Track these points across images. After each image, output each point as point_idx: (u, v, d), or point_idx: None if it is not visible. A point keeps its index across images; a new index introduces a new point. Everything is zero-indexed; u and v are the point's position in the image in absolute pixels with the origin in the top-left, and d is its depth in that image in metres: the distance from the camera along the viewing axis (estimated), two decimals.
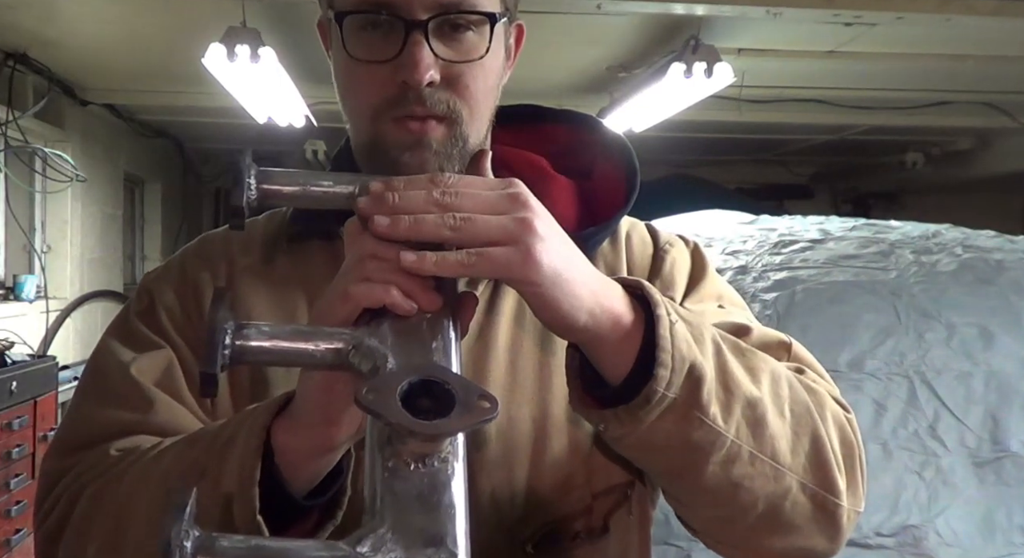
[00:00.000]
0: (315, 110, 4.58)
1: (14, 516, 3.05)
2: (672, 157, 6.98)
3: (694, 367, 0.66)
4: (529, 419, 0.81)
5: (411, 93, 0.76)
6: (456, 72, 0.77)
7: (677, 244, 0.93)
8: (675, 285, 0.88)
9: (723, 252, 2.52)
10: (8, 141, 3.90)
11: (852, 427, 0.78)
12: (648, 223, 0.96)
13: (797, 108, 4.93)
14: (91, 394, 0.85)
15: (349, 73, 0.80)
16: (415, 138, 0.78)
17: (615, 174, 0.90)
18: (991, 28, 3.41)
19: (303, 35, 3.55)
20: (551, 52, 3.87)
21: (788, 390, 0.73)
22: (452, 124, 0.78)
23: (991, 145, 6.06)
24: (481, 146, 0.83)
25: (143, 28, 3.65)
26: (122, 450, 0.78)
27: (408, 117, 0.77)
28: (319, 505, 0.69)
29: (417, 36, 0.75)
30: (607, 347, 0.67)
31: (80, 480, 0.78)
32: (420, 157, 0.78)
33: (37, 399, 3.26)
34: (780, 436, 0.71)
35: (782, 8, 3.11)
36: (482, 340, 0.83)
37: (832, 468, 0.73)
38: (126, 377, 0.81)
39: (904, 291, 2.24)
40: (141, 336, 0.85)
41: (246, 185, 0.68)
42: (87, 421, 0.82)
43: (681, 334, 0.66)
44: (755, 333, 0.83)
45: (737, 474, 0.69)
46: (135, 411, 0.80)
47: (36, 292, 4.34)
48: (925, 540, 1.90)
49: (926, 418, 2.04)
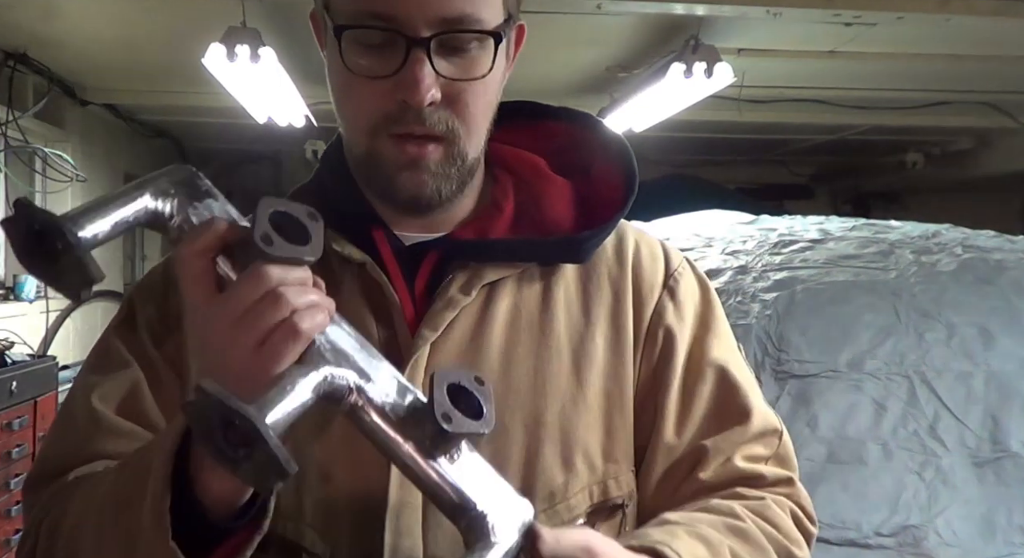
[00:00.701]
0: (315, 110, 4.58)
1: (14, 516, 3.05)
2: (672, 157, 6.98)
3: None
4: (522, 424, 0.80)
5: (410, 112, 0.75)
6: (457, 90, 0.76)
7: (687, 272, 0.92)
8: (686, 317, 0.88)
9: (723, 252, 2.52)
10: (8, 141, 3.90)
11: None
12: (660, 239, 0.94)
13: (797, 108, 4.93)
14: (58, 426, 0.86)
15: (346, 85, 0.79)
16: (411, 159, 0.77)
17: (613, 174, 0.89)
18: (991, 28, 3.41)
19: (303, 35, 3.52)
20: (551, 52, 3.87)
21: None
22: (450, 144, 0.78)
23: (991, 145, 6.06)
24: (480, 159, 0.83)
25: (143, 28, 3.64)
26: (78, 477, 0.79)
27: (406, 135, 0.77)
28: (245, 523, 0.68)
29: (419, 54, 0.73)
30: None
31: (42, 514, 0.79)
32: (418, 178, 0.78)
33: (37, 399, 3.26)
34: None
35: (782, 8, 3.11)
36: (475, 345, 0.82)
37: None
38: (88, 408, 0.82)
39: (904, 291, 2.24)
40: (114, 354, 0.85)
41: (74, 253, 0.59)
42: (51, 455, 0.84)
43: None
44: (755, 417, 0.86)
45: None
46: (92, 441, 0.81)
47: (36, 292, 4.34)
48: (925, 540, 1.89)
49: (926, 418, 2.04)
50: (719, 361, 0.87)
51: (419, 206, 0.82)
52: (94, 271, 0.59)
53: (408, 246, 0.85)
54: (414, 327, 0.81)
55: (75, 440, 0.82)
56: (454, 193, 0.82)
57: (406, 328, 0.81)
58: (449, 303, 0.81)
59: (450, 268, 0.84)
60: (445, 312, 0.81)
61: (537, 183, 0.89)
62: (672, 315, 0.87)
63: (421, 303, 0.83)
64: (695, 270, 0.93)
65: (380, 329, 0.82)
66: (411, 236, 0.86)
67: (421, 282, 0.84)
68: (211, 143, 6.74)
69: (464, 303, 0.82)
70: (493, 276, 0.83)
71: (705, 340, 0.88)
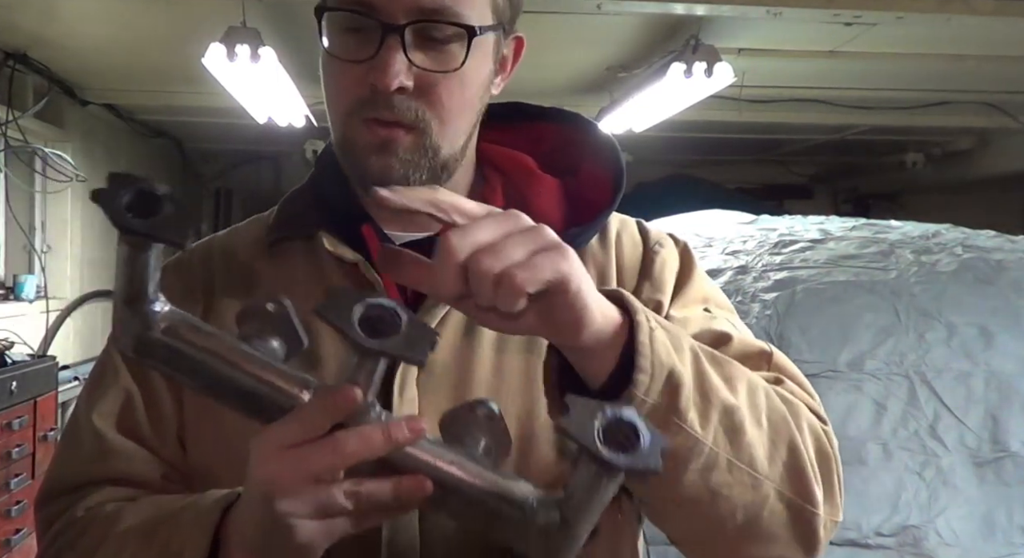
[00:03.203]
0: (315, 110, 4.57)
1: (14, 516, 3.05)
2: (672, 157, 6.98)
3: (672, 373, 0.67)
4: (515, 420, 0.80)
5: (380, 97, 0.76)
6: (430, 81, 0.77)
7: (667, 244, 0.92)
8: (664, 286, 0.88)
9: (723, 252, 2.52)
10: (8, 141, 3.90)
11: (828, 438, 0.78)
12: (639, 221, 0.95)
13: (797, 108, 4.93)
14: (65, 443, 0.89)
15: (327, 68, 0.80)
16: (381, 143, 0.78)
17: (601, 173, 0.89)
18: (991, 28, 3.40)
19: (303, 35, 3.55)
20: (551, 52, 3.87)
21: (765, 399, 0.74)
22: (420, 134, 0.78)
23: (991, 145, 6.06)
24: (458, 157, 0.83)
25: (143, 28, 3.64)
26: (89, 510, 0.82)
27: (375, 120, 0.77)
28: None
29: (392, 40, 0.74)
30: (591, 353, 0.67)
31: (56, 544, 0.82)
32: (386, 162, 0.78)
33: (37, 399, 3.26)
34: (757, 444, 0.71)
35: (782, 8, 3.11)
36: (468, 338, 0.83)
37: (809, 477, 0.74)
38: (91, 428, 0.85)
39: (904, 291, 2.24)
40: (108, 365, 0.88)
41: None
42: (59, 474, 0.87)
43: (660, 340, 0.67)
44: (735, 342, 0.83)
45: (715, 482, 0.70)
46: (96, 462, 0.84)
47: (36, 292, 4.34)
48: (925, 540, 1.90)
49: (926, 418, 2.04)
50: (680, 317, 0.85)
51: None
52: (192, 217, 0.62)
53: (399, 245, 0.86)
54: None
55: (81, 459, 0.85)
56: (423, 181, 0.81)
57: None
58: (440, 302, 0.82)
59: None
60: (436, 309, 0.82)
61: (526, 182, 0.90)
62: (649, 291, 0.88)
63: (413, 302, 0.84)
64: (676, 241, 0.93)
65: None
66: (401, 235, 0.86)
67: None
68: (211, 143, 6.74)
69: None
70: None
71: (677, 303, 0.87)
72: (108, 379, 0.87)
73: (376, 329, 0.61)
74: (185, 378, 0.64)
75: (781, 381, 0.81)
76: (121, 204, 0.58)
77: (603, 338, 0.66)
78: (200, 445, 0.84)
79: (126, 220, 0.58)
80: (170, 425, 0.85)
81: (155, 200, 0.59)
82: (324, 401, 0.61)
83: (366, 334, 0.60)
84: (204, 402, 0.81)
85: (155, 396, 0.86)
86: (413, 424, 0.61)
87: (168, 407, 0.85)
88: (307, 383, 0.63)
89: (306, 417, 0.61)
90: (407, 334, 0.60)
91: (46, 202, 4.66)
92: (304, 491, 0.60)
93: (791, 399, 0.77)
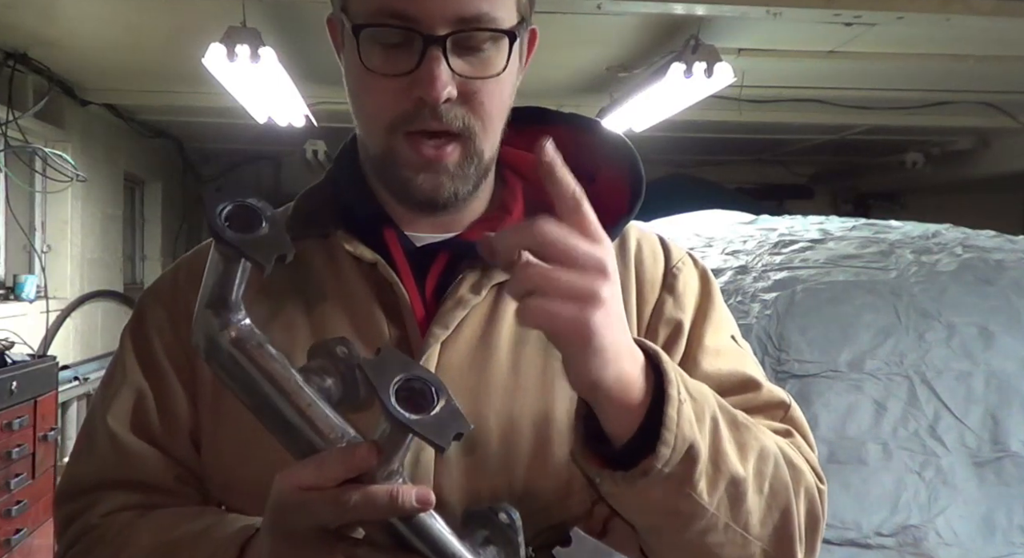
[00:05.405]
0: (315, 110, 4.57)
1: (14, 516, 3.04)
2: (672, 157, 6.98)
3: (692, 446, 0.68)
4: (531, 422, 0.81)
5: (427, 109, 0.76)
6: (473, 88, 0.77)
7: (688, 264, 0.93)
8: (687, 307, 0.89)
9: (723, 252, 2.52)
10: (8, 141, 3.90)
11: (822, 499, 0.82)
12: (659, 235, 0.96)
13: (797, 108, 4.93)
14: (82, 438, 0.91)
15: (363, 84, 0.80)
16: (428, 161, 0.78)
17: (619, 180, 0.90)
18: (991, 28, 3.40)
19: (303, 35, 3.55)
20: (551, 52, 3.87)
21: (772, 468, 0.76)
22: (467, 141, 0.79)
23: (991, 145, 6.06)
24: (494, 159, 0.84)
25: (143, 28, 3.64)
26: (103, 518, 0.83)
27: (422, 133, 0.77)
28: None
29: (435, 51, 0.74)
30: (615, 410, 0.69)
31: (72, 550, 0.84)
32: (435, 180, 0.79)
33: (37, 399, 3.26)
34: (755, 510, 0.74)
35: (782, 8, 3.11)
36: (484, 342, 0.83)
37: (794, 540, 0.77)
38: (104, 428, 0.86)
39: (904, 291, 2.24)
40: (120, 365, 0.89)
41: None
42: (77, 472, 0.89)
43: (686, 415, 0.69)
44: (764, 391, 0.86)
45: (710, 541, 0.73)
46: (110, 464, 0.86)
47: (36, 292, 4.34)
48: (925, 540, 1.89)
49: (926, 418, 2.03)
50: (714, 347, 0.88)
51: (435, 207, 0.83)
52: (289, 241, 0.64)
53: (419, 247, 0.87)
54: (424, 326, 0.83)
55: (96, 461, 0.87)
56: (470, 194, 0.83)
57: (416, 327, 0.83)
58: (459, 303, 0.83)
59: (460, 268, 0.85)
60: (455, 311, 0.82)
61: (543, 186, 0.90)
62: (671, 308, 0.89)
63: (431, 303, 0.84)
64: (696, 263, 0.94)
65: (391, 328, 0.83)
66: (422, 237, 0.87)
67: (431, 282, 0.85)
68: (211, 143, 6.74)
69: (474, 302, 0.83)
70: (502, 277, 0.84)
71: (701, 327, 0.89)
72: (121, 378, 0.88)
73: (413, 401, 0.62)
74: (238, 390, 0.66)
75: (791, 434, 0.85)
76: (221, 213, 0.59)
77: (614, 398, 0.67)
78: (216, 446, 0.85)
79: (222, 230, 0.60)
80: (183, 425, 0.86)
81: (256, 217, 0.61)
82: (342, 454, 0.62)
83: (402, 402, 0.61)
84: (222, 404, 0.82)
85: (168, 395, 0.86)
86: (422, 495, 0.63)
87: (182, 407, 0.86)
88: (344, 433, 0.64)
89: (322, 464, 0.63)
90: (440, 416, 0.61)
91: (46, 202, 4.66)
92: (309, 534, 0.63)
93: (796, 463, 0.80)
